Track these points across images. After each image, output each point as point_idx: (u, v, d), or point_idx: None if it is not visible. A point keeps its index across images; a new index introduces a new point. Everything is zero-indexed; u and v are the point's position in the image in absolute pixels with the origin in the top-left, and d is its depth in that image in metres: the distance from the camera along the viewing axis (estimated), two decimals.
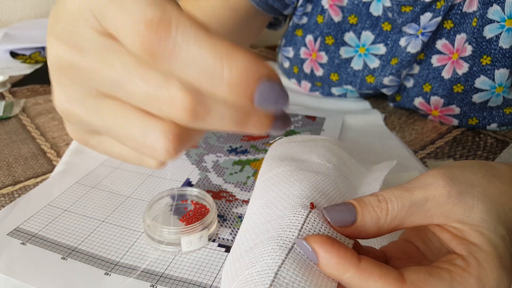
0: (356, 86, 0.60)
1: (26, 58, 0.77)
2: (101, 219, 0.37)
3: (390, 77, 0.56)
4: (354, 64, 0.58)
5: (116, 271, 0.31)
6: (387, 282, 0.21)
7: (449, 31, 0.50)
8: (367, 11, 0.54)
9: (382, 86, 0.58)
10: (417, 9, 0.50)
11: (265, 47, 0.91)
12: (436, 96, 0.54)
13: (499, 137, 0.53)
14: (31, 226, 0.36)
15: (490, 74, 0.49)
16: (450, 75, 0.52)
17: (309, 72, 0.62)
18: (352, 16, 0.55)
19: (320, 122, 0.55)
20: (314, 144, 0.37)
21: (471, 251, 0.23)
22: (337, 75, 0.60)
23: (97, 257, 0.33)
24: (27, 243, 0.34)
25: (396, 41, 0.54)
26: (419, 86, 0.55)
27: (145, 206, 0.37)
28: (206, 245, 0.34)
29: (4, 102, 0.60)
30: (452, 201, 0.24)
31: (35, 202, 0.39)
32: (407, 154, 0.48)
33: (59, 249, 0.33)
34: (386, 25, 0.54)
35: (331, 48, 0.58)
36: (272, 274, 0.21)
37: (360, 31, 0.56)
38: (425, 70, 0.54)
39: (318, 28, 0.58)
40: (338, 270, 0.22)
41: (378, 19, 0.54)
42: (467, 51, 0.49)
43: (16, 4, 0.99)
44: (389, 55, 0.55)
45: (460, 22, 0.49)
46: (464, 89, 0.51)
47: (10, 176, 0.44)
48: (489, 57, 0.48)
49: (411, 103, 0.58)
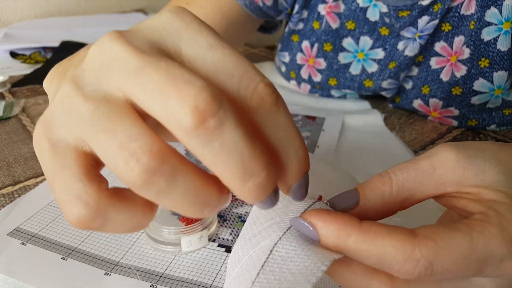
0: (355, 90, 0.60)
1: (26, 58, 0.77)
2: None
3: (389, 80, 0.56)
4: (353, 69, 0.58)
5: (116, 271, 0.31)
6: (396, 238, 0.20)
7: (447, 33, 0.50)
8: (364, 16, 0.54)
9: (381, 89, 0.58)
10: (414, 13, 0.49)
11: (265, 47, 0.91)
12: (435, 98, 0.54)
13: (499, 137, 0.53)
14: (31, 226, 0.36)
15: (489, 77, 0.49)
16: (448, 77, 0.51)
17: (307, 78, 0.62)
18: (349, 22, 0.55)
19: (320, 122, 0.55)
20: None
21: (489, 205, 0.21)
22: (335, 80, 0.60)
23: (97, 257, 0.33)
24: (27, 243, 0.34)
25: (394, 45, 0.53)
26: (417, 88, 0.55)
27: None
28: (206, 245, 0.34)
29: (4, 102, 0.60)
30: (462, 165, 0.22)
31: (35, 202, 0.39)
32: (407, 154, 0.48)
33: (59, 249, 0.33)
34: (383, 30, 0.53)
35: (329, 54, 0.58)
36: (268, 252, 0.21)
37: (359, 36, 0.55)
38: (423, 72, 0.54)
39: (314, 34, 0.58)
40: (340, 237, 0.20)
41: (375, 24, 0.54)
42: (465, 54, 0.49)
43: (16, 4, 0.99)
44: (387, 59, 0.55)
45: (458, 25, 0.49)
46: (462, 91, 0.51)
47: (10, 176, 0.44)
48: (487, 59, 0.48)
49: (410, 105, 0.58)
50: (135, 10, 1.15)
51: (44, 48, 0.81)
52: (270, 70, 0.73)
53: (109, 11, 1.14)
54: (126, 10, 1.16)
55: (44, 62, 0.76)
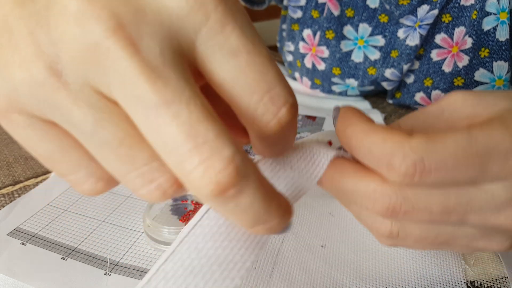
0: (359, 79, 0.60)
1: None
2: (101, 219, 0.37)
3: (392, 70, 0.56)
4: (355, 56, 0.58)
5: (116, 271, 0.31)
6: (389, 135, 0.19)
7: (448, 24, 0.51)
8: (363, 3, 0.54)
9: (383, 78, 0.58)
10: (414, 1, 0.50)
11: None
12: (437, 90, 0.54)
13: None
14: (31, 226, 0.36)
15: (489, 67, 0.49)
16: (451, 68, 0.52)
17: (311, 67, 0.62)
18: (349, 9, 0.56)
19: (320, 122, 0.55)
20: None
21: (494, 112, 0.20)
22: (339, 69, 0.60)
23: (97, 257, 0.33)
24: (27, 243, 0.34)
25: (394, 33, 0.54)
26: (419, 81, 0.56)
27: (145, 206, 0.37)
28: None
29: None
30: (470, 103, 0.21)
31: (35, 202, 0.39)
32: None
33: (59, 249, 0.33)
34: (383, 17, 0.54)
35: (332, 42, 0.58)
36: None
37: (358, 23, 0.56)
38: (425, 65, 0.54)
39: (315, 22, 0.58)
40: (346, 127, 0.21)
41: (375, 11, 0.54)
42: (467, 43, 0.50)
43: None
44: (389, 47, 0.55)
45: (458, 16, 0.50)
46: (464, 82, 0.52)
47: (10, 176, 0.44)
48: (487, 49, 0.49)
49: (412, 99, 0.58)
50: None
51: None
52: None
53: None
54: None
55: None
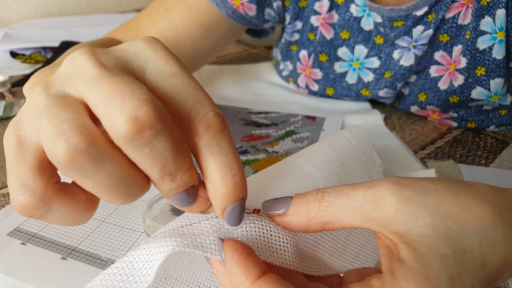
0: (353, 99, 0.60)
1: (26, 58, 0.77)
2: (101, 219, 0.37)
3: (385, 90, 0.56)
4: (349, 78, 0.58)
5: None
6: None
7: (446, 44, 0.50)
8: (358, 25, 0.54)
9: (378, 97, 0.58)
10: (409, 23, 0.49)
11: (265, 47, 0.91)
12: (432, 105, 0.54)
13: (499, 137, 0.53)
14: (31, 226, 0.36)
15: (486, 85, 0.49)
16: (446, 86, 0.51)
17: (304, 86, 0.62)
18: (344, 31, 0.55)
19: (320, 122, 0.55)
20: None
21: (393, 268, 0.20)
22: (332, 90, 0.60)
23: (97, 257, 0.33)
24: (27, 243, 0.34)
25: (389, 54, 0.53)
26: (414, 94, 0.55)
27: (145, 206, 0.37)
28: None
29: (4, 102, 0.60)
30: (394, 206, 0.21)
31: None
32: (407, 154, 0.48)
33: (59, 249, 0.33)
34: (378, 39, 0.53)
35: (325, 64, 0.58)
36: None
37: (353, 45, 0.55)
38: (422, 80, 0.54)
39: (311, 44, 0.58)
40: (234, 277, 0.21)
41: (370, 33, 0.54)
42: (461, 63, 0.49)
43: (16, 4, 0.99)
44: (383, 68, 0.55)
45: (456, 35, 0.49)
46: (460, 99, 0.51)
47: None
48: (483, 68, 0.48)
49: (408, 110, 0.58)
50: (135, 10, 1.15)
51: (44, 48, 0.81)
52: (270, 70, 0.73)
53: (109, 11, 1.14)
54: (126, 10, 1.16)
55: (44, 62, 0.76)
